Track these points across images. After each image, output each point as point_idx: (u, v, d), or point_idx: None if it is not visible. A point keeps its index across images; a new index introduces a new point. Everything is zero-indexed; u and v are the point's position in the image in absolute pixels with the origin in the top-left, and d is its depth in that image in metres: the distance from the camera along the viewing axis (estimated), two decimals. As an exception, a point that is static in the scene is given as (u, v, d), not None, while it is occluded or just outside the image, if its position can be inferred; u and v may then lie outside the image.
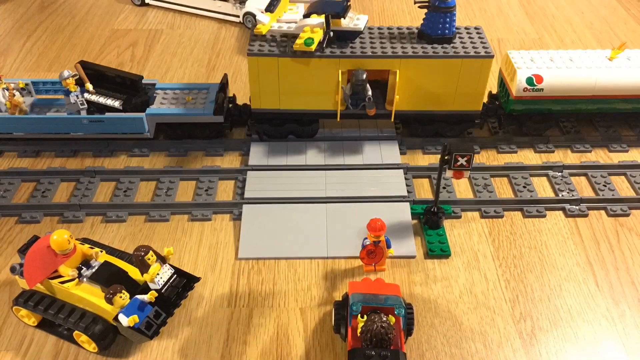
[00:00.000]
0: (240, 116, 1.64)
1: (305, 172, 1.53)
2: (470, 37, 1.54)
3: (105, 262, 1.15)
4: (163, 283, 1.14)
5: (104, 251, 1.18)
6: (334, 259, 1.33)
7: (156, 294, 1.11)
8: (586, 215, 1.44)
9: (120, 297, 1.07)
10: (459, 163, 1.26)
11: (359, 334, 1.03)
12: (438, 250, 1.34)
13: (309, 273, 1.30)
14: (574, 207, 1.45)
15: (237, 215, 1.42)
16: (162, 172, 1.54)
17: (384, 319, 1.03)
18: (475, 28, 1.58)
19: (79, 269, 1.14)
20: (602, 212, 1.45)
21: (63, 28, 2.26)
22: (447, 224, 1.41)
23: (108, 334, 1.10)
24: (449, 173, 1.29)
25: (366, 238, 1.25)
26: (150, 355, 1.14)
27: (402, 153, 1.61)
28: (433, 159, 1.60)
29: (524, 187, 1.50)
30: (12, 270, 1.16)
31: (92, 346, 1.12)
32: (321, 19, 1.47)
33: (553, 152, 1.62)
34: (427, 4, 1.49)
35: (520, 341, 1.17)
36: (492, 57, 1.48)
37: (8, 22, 2.29)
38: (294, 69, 1.48)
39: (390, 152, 1.59)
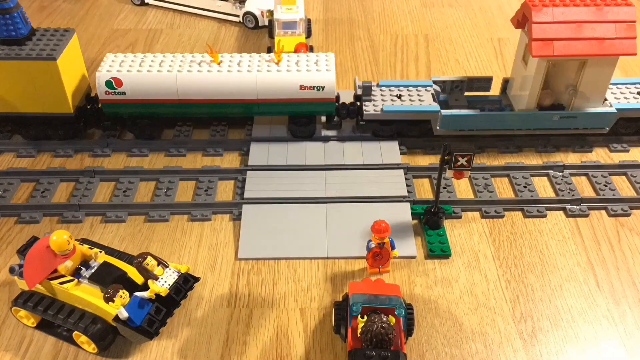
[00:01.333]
0: None
1: (305, 172, 1.53)
2: (49, 40, 1.52)
3: (105, 262, 1.15)
4: (169, 287, 1.13)
5: (103, 251, 1.18)
6: (334, 259, 1.32)
7: (156, 291, 1.11)
8: (587, 215, 1.43)
9: (120, 297, 1.07)
10: (459, 163, 1.26)
11: (359, 335, 1.03)
12: (438, 251, 1.33)
13: (309, 273, 1.29)
14: (575, 207, 1.45)
15: (237, 215, 1.42)
16: (162, 172, 1.53)
17: (384, 319, 1.03)
18: (65, 30, 1.57)
19: (79, 269, 1.13)
20: (603, 212, 1.45)
21: (62, 28, 2.25)
22: (447, 224, 1.41)
23: (107, 334, 1.10)
24: (449, 173, 1.29)
25: (370, 240, 1.24)
26: (149, 355, 1.14)
27: (402, 153, 1.61)
28: (433, 159, 1.60)
29: (525, 187, 1.50)
30: (11, 271, 1.16)
31: (91, 347, 1.12)
32: None
33: (554, 152, 1.62)
34: None
35: (521, 341, 1.16)
36: (55, 59, 1.47)
37: (7, 22, 2.29)
38: None
39: (390, 152, 1.59)
